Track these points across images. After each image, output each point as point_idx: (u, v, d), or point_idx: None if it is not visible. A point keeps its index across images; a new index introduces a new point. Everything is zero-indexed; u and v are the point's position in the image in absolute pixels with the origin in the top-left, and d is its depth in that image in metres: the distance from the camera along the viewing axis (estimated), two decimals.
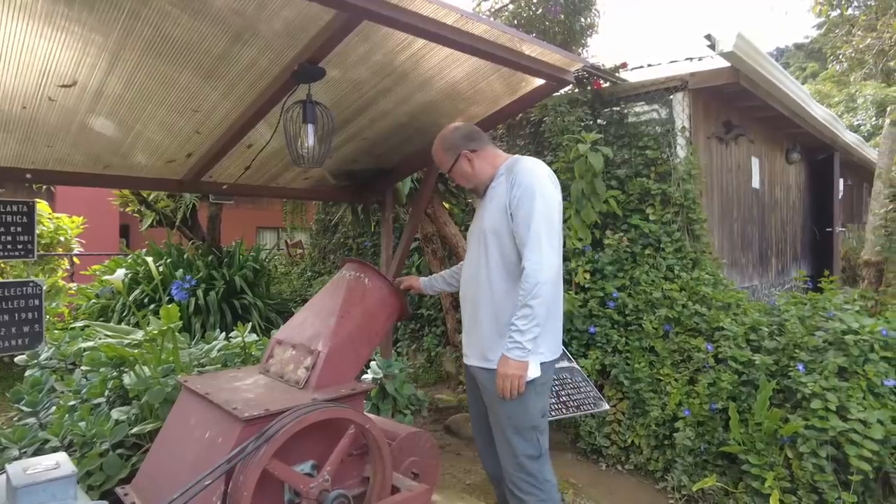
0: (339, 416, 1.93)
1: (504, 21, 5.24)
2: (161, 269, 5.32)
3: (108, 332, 3.18)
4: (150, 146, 2.84)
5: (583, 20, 5.16)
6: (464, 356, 2.25)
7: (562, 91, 3.35)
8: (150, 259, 4.82)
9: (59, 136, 2.58)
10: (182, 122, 2.67)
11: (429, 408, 4.19)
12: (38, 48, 1.97)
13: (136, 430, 2.48)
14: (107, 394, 2.81)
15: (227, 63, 2.22)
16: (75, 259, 6.62)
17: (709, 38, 4.04)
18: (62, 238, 6.25)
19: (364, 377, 3.35)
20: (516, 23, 5.15)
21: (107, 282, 5.25)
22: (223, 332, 3.69)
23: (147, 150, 2.89)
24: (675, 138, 4.38)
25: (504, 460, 2.11)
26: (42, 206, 6.09)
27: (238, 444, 1.75)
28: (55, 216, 6.32)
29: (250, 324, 4.04)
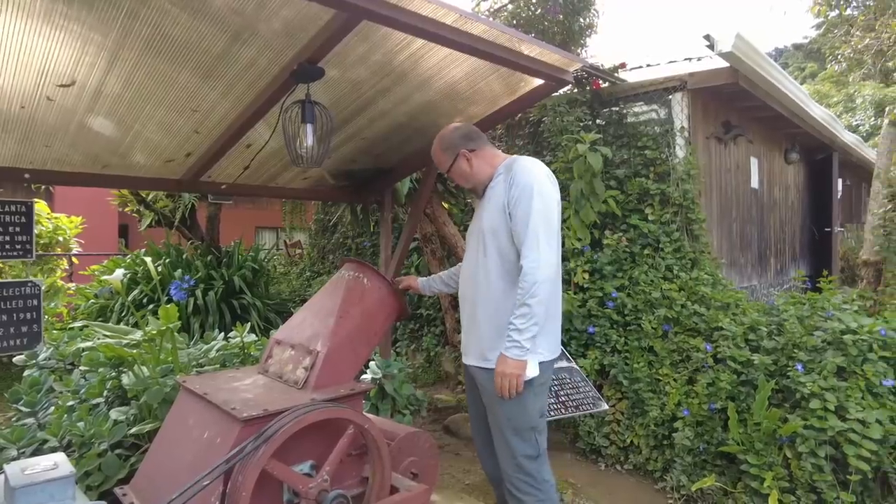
0: (338, 417, 1.93)
1: (503, 21, 5.24)
2: (160, 269, 5.31)
3: (106, 333, 3.18)
4: (148, 146, 2.84)
5: (582, 20, 5.16)
6: (462, 356, 2.25)
7: (561, 91, 3.35)
8: (148, 259, 4.81)
9: (57, 135, 2.57)
10: (181, 122, 2.66)
11: (428, 408, 4.19)
12: (36, 47, 1.96)
13: (134, 430, 2.48)
14: (105, 394, 2.81)
15: (227, 62, 2.22)
16: (74, 259, 6.62)
17: (708, 38, 4.04)
18: (61, 238, 6.25)
19: (363, 377, 3.35)
20: (515, 23, 5.15)
21: (105, 282, 5.25)
22: (222, 333, 3.69)
23: (146, 150, 2.89)
24: (674, 138, 4.38)
25: (503, 460, 2.11)
26: (41, 206, 6.09)
27: (237, 445, 1.75)
28: (54, 216, 6.32)
29: (249, 324, 4.03)
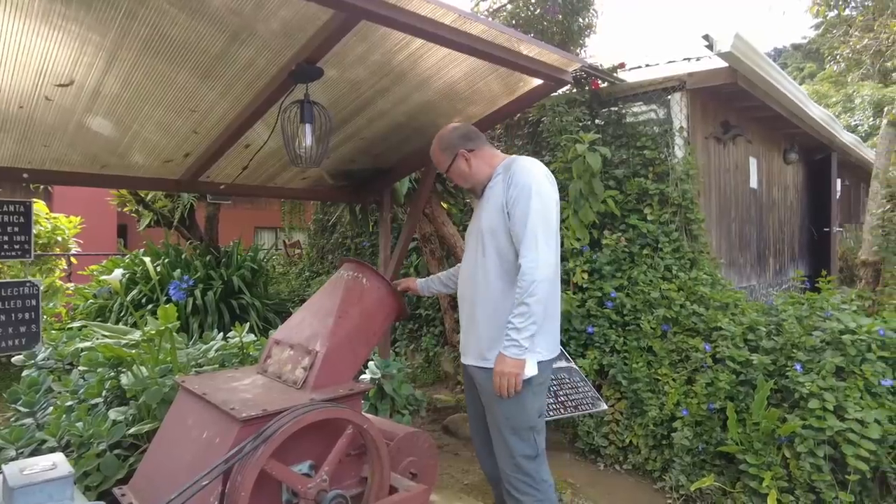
0: (337, 417, 1.93)
1: (502, 21, 5.24)
2: (159, 269, 5.31)
3: (105, 333, 3.17)
4: (147, 146, 2.84)
5: (581, 20, 5.16)
6: (461, 356, 2.25)
7: (560, 91, 3.35)
8: (147, 259, 4.81)
9: (56, 135, 2.57)
10: (179, 122, 2.66)
11: (427, 408, 4.19)
12: (34, 47, 1.96)
13: (133, 430, 2.47)
14: (104, 394, 2.80)
15: (225, 63, 2.22)
16: (73, 259, 6.61)
17: (707, 38, 4.04)
18: (59, 238, 6.25)
19: (362, 377, 3.35)
20: (514, 23, 5.15)
21: (104, 282, 5.24)
22: (221, 333, 3.68)
23: (144, 150, 2.88)
24: (673, 138, 4.39)
25: (501, 460, 2.11)
26: (39, 206, 6.09)
27: (236, 445, 1.74)
28: (52, 216, 6.31)
29: (248, 324, 4.03)
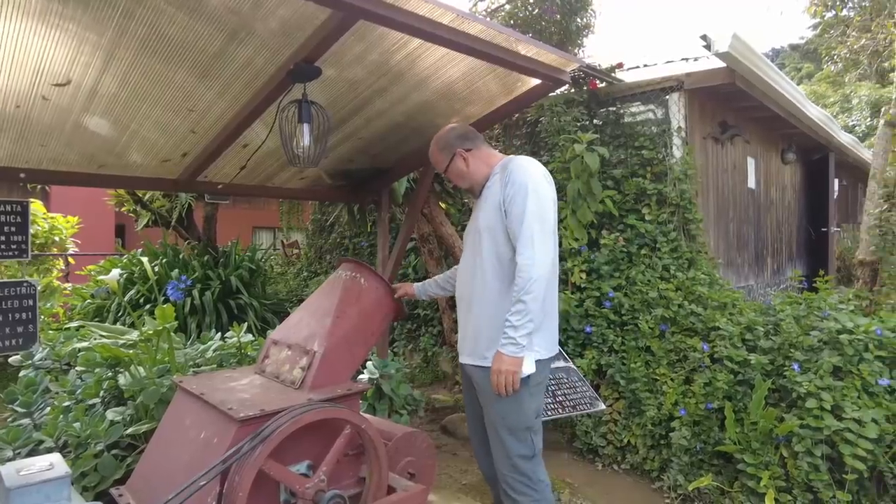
0: (335, 417, 1.92)
1: (500, 21, 5.24)
2: (156, 269, 5.30)
3: (103, 333, 3.17)
4: (145, 146, 2.83)
5: (579, 20, 5.16)
6: (459, 355, 2.25)
7: (558, 91, 3.34)
8: (145, 259, 4.81)
9: (53, 135, 2.57)
10: (177, 122, 2.66)
11: (425, 408, 4.19)
12: (31, 46, 1.96)
13: (131, 430, 2.47)
14: (102, 394, 2.80)
15: (223, 62, 2.22)
16: (70, 259, 6.60)
17: (704, 38, 4.04)
18: (57, 238, 6.23)
19: (360, 377, 3.35)
20: (512, 23, 5.14)
21: (102, 282, 5.23)
22: (219, 333, 3.68)
23: (142, 150, 2.88)
24: (671, 138, 4.39)
25: (498, 460, 2.11)
26: (37, 206, 6.07)
27: (233, 445, 1.74)
28: (50, 216, 6.30)
29: (246, 324, 4.02)
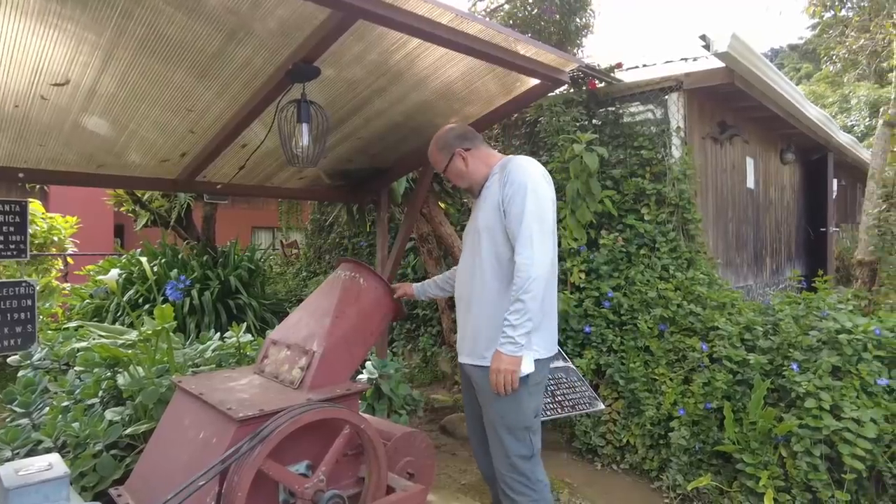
0: (334, 417, 1.92)
1: (499, 21, 5.24)
2: (155, 269, 5.29)
3: (101, 333, 3.16)
4: (143, 145, 2.83)
5: (578, 20, 5.16)
6: (458, 355, 2.25)
7: (557, 91, 3.34)
8: (144, 259, 4.80)
9: (51, 135, 2.56)
10: (176, 122, 2.66)
11: (424, 408, 4.19)
12: (30, 46, 1.95)
13: (129, 430, 2.47)
14: (101, 394, 2.79)
15: (222, 62, 2.22)
16: (69, 259, 6.59)
17: (703, 38, 4.04)
18: (56, 238, 6.22)
19: (359, 377, 3.35)
20: (511, 23, 5.15)
21: (101, 282, 5.23)
22: (218, 333, 3.67)
23: (141, 150, 2.88)
24: (670, 138, 4.39)
25: (496, 460, 2.11)
26: (35, 206, 6.07)
27: (232, 445, 1.74)
28: (49, 216, 6.29)
29: (245, 324, 4.01)
